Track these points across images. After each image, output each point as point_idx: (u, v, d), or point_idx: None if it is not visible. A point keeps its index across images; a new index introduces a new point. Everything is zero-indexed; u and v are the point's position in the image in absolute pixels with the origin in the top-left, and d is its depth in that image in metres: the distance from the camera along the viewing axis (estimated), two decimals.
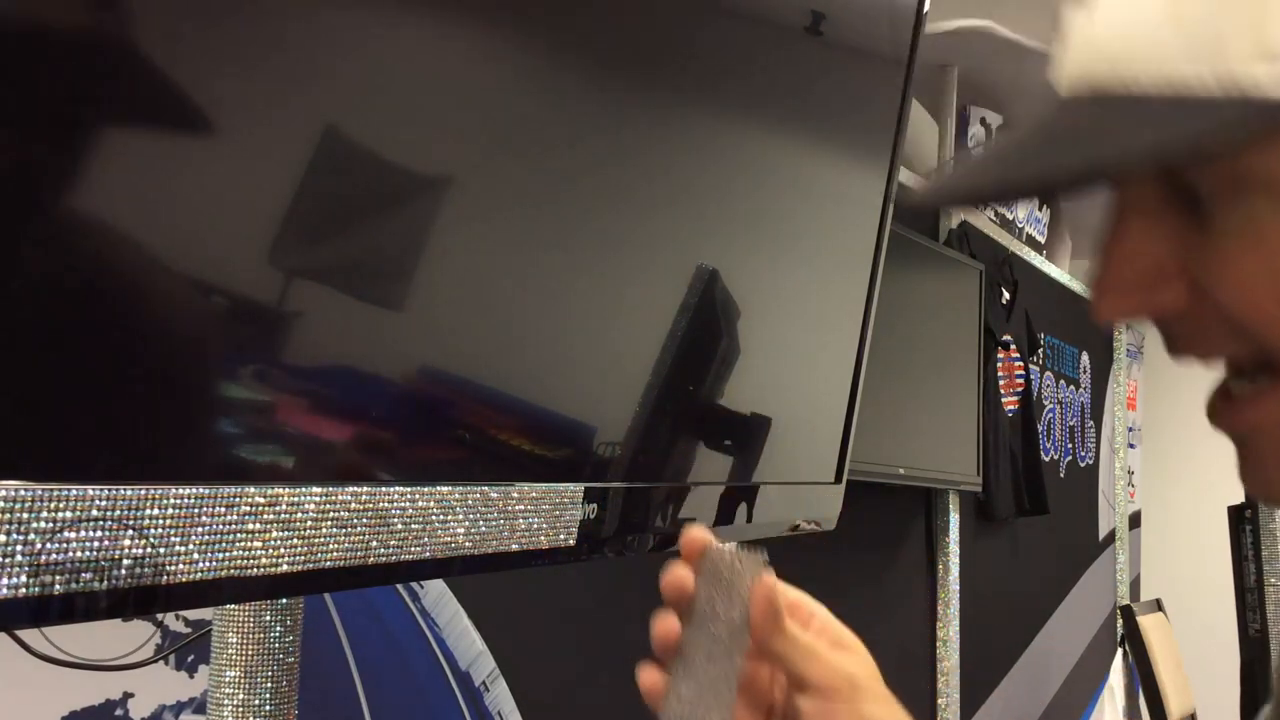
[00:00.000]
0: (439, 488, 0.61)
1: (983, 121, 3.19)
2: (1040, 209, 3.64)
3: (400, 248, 0.61)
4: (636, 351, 0.81)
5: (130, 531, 0.46)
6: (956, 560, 2.68)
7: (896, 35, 1.08)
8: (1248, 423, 0.45)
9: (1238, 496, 3.15)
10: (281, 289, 0.55)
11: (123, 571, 0.46)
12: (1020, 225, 3.45)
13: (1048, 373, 3.43)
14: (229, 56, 0.51)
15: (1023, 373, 3.07)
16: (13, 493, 0.43)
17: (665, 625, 0.61)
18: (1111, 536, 4.09)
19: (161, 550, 0.47)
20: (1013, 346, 3.00)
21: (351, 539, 0.56)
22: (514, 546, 0.66)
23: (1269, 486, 0.45)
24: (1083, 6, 0.45)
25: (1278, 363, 0.42)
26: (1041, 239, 3.65)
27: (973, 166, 0.46)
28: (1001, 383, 2.94)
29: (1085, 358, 3.85)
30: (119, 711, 1.13)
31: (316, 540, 0.54)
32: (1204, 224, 0.43)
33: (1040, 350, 3.35)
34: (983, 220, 2.98)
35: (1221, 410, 0.45)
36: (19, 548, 0.43)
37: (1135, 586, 4.31)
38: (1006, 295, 2.98)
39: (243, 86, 0.51)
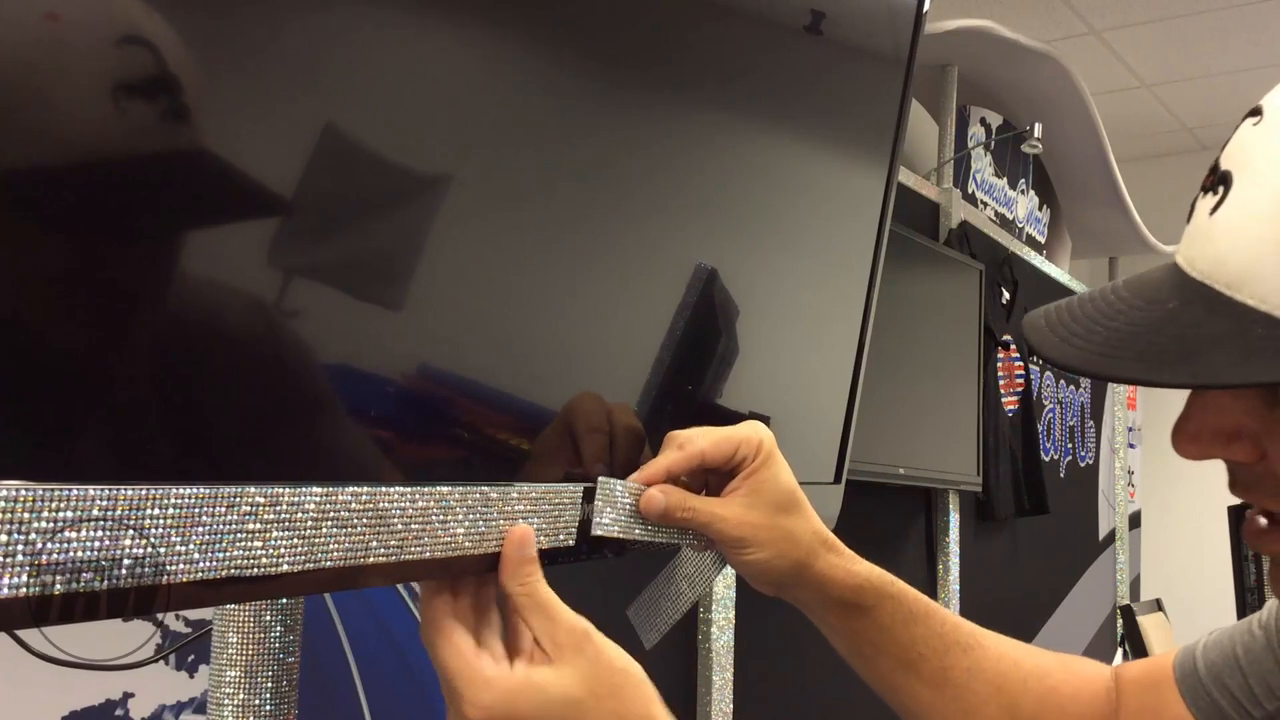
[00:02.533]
0: (439, 488, 0.61)
1: (983, 121, 3.19)
2: (1041, 209, 3.64)
3: (397, 246, 0.61)
4: (635, 350, 0.81)
5: (131, 531, 0.46)
6: (956, 560, 2.68)
7: (896, 35, 1.08)
8: (1274, 550, 0.58)
9: None
10: (280, 287, 0.55)
11: (123, 571, 0.46)
12: (1020, 225, 3.45)
13: (1048, 373, 3.43)
14: (226, 53, 0.51)
15: (1023, 373, 3.07)
16: (13, 492, 0.43)
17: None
18: (1111, 536, 4.09)
19: (162, 550, 0.47)
20: (1013, 346, 3.00)
21: (351, 539, 0.56)
22: None
23: None
24: (1207, 197, 0.55)
25: None
26: (1041, 239, 3.65)
27: (1094, 337, 0.56)
28: (1001, 383, 2.94)
29: None
30: (119, 711, 1.13)
31: (316, 540, 0.54)
32: (1277, 405, 0.53)
33: None
34: (983, 220, 2.98)
35: (1254, 537, 0.58)
36: (19, 548, 0.43)
37: (1135, 586, 4.31)
38: (1006, 295, 2.98)
39: (241, 84, 0.51)
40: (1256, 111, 0.56)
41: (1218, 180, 0.55)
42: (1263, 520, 0.58)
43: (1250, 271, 0.52)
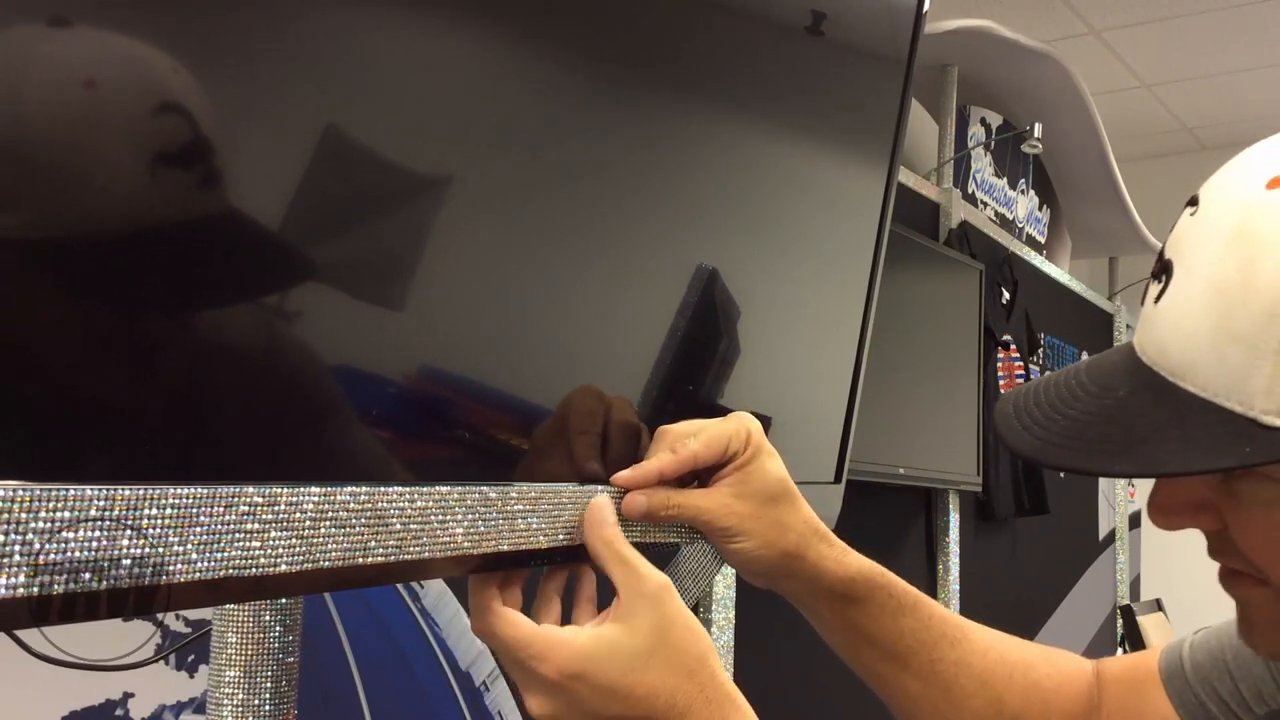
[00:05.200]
0: (438, 488, 0.61)
1: (983, 121, 3.19)
2: (1041, 209, 3.64)
3: (398, 246, 0.61)
4: (636, 351, 0.81)
5: (129, 531, 0.46)
6: (956, 560, 2.68)
7: (896, 35, 1.08)
8: (1245, 594, 0.61)
9: None
10: (280, 288, 0.55)
11: (122, 571, 0.46)
12: (1020, 225, 3.45)
13: (1048, 373, 3.42)
14: (226, 53, 0.51)
15: (1023, 373, 3.07)
16: (11, 492, 0.43)
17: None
18: (1111, 536, 4.09)
19: (160, 550, 0.47)
20: (1013, 346, 3.00)
21: (350, 539, 0.56)
22: (513, 546, 0.66)
23: (1252, 642, 0.63)
24: (1153, 284, 0.58)
25: (1272, 583, 0.58)
26: (1041, 239, 3.65)
27: (1053, 426, 0.59)
28: (1001, 383, 2.94)
29: (1085, 358, 3.85)
30: (119, 711, 1.13)
31: (315, 540, 0.54)
32: (1236, 482, 0.57)
33: (1040, 350, 3.35)
34: (983, 220, 2.98)
35: (1228, 582, 0.62)
36: (17, 548, 0.43)
37: (1135, 586, 4.31)
38: (1006, 295, 2.98)
39: (240, 85, 0.51)
40: (1194, 201, 0.59)
41: (1161, 269, 0.58)
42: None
43: (1190, 361, 0.55)
